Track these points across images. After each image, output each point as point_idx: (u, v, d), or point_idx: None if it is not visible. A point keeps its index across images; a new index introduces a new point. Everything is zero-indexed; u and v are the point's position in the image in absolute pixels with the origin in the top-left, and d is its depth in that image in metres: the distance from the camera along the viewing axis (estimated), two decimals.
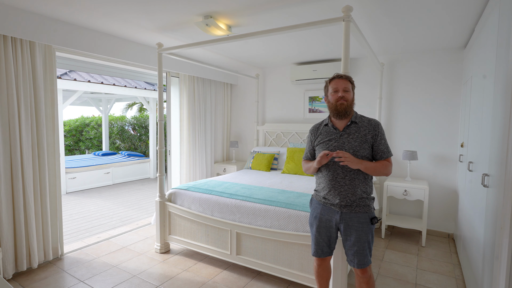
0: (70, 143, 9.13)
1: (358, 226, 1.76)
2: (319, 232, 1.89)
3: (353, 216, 1.77)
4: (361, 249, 1.76)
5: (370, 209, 1.79)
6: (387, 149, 1.81)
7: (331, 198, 1.82)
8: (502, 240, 1.46)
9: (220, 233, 2.77)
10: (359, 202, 1.77)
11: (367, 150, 1.78)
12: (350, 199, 1.77)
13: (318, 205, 1.91)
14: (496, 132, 1.68)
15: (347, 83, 1.82)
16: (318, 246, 1.91)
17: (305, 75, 4.32)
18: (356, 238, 1.76)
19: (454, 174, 3.63)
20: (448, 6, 2.34)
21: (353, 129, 1.81)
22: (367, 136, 1.79)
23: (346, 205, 1.78)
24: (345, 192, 1.78)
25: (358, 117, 1.84)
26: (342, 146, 1.79)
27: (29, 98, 2.63)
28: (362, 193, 1.78)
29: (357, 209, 1.77)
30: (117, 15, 2.62)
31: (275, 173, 4.10)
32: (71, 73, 5.75)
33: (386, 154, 1.80)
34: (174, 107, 4.34)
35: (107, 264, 2.90)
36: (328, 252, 1.92)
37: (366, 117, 1.87)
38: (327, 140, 1.86)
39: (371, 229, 1.79)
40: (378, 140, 1.79)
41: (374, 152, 1.81)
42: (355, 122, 1.82)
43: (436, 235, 3.74)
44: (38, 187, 2.74)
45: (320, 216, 1.88)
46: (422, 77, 3.75)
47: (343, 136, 1.81)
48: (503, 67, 1.58)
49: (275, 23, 2.76)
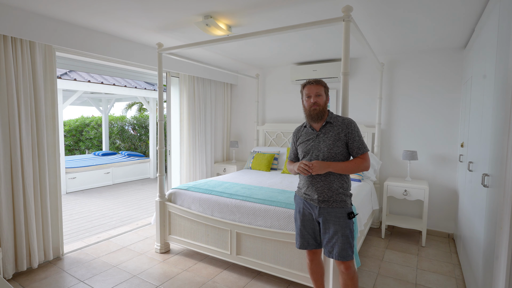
0: (70, 143, 9.13)
1: (335, 221, 1.86)
2: (304, 225, 2.01)
3: (330, 211, 1.88)
4: (340, 242, 1.84)
5: (347, 204, 1.88)
6: (362, 145, 1.89)
7: (310, 193, 1.94)
8: (502, 240, 1.46)
9: (220, 233, 2.77)
10: (336, 198, 1.87)
11: (340, 147, 1.88)
12: (326, 194, 1.87)
13: (300, 200, 2.03)
14: (496, 132, 1.68)
15: (319, 87, 1.92)
16: (304, 238, 2.02)
17: (305, 75, 4.32)
18: (334, 232, 1.86)
19: (454, 174, 3.63)
20: (448, 6, 2.34)
21: (328, 128, 1.93)
22: (340, 134, 1.89)
23: (324, 200, 1.88)
24: (321, 188, 1.88)
25: (333, 117, 1.95)
26: (318, 144, 1.91)
27: (29, 98, 2.63)
28: (338, 188, 1.88)
29: (334, 204, 1.87)
30: (117, 14, 2.62)
31: (275, 173, 4.10)
32: (71, 73, 5.75)
33: (361, 150, 1.88)
34: (174, 107, 4.34)
35: (107, 264, 2.90)
36: (314, 245, 2.01)
37: (341, 116, 1.98)
38: (306, 140, 1.99)
39: (348, 224, 1.87)
40: (352, 138, 1.88)
41: (350, 149, 1.90)
42: (330, 122, 1.93)
43: (436, 235, 3.74)
44: (38, 187, 2.74)
45: (303, 211, 2.00)
46: (422, 77, 3.75)
47: (319, 135, 1.94)
48: (503, 67, 1.58)
49: (275, 23, 2.76)
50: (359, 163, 1.87)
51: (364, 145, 1.90)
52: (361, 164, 1.87)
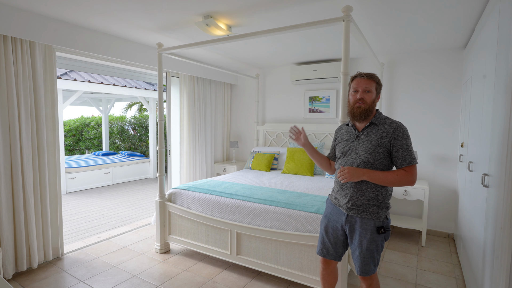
0: (70, 143, 9.13)
1: (361, 232, 1.68)
2: (326, 231, 1.86)
3: (358, 220, 1.69)
4: (363, 256, 1.68)
5: (379, 218, 1.66)
6: (409, 155, 1.61)
7: (340, 198, 1.78)
8: (502, 240, 1.46)
9: (220, 233, 2.77)
10: (366, 208, 1.67)
11: (381, 154, 1.64)
12: (356, 202, 1.68)
13: (330, 205, 1.89)
14: (496, 132, 1.68)
15: (370, 83, 1.69)
16: (324, 245, 1.88)
17: (305, 75, 4.32)
18: (358, 243, 1.69)
19: (454, 174, 3.63)
20: (448, 6, 2.34)
21: (372, 130, 1.70)
22: (384, 139, 1.64)
23: (353, 207, 1.70)
24: (351, 194, 1.70)
25: (380, 118, 1.71)
26: (356, 147, 1.72)
27: (29, 98, 2.63)
28: (371, 199, 1.67)
29: (363, 214, 1.67)
30: (117, 14, 2.62)
31: (275, 173, 4.10)
32: (71, 73, 5.75)
33: (406, 161, 1.60)
34: (174, 107, 4.34)
35: (107, 264, 2.90)
36: (333, 255, 1.86)
37: (390, 119, 1.72)
38: (344, 140, 1.81)
39: (375, 238, 1.66)
40: (397, 145, 1.62)
41: (393, 158, 1.65)
42: (374, 123, 1.70)
43: (436, 235, 3.74)
44: (38, 187, 2.74)
45: (330, 216, 1.85)
46: (422, 77, 3.75)
47: (359, 137, 1.73)
48: (503, 67, 1.58)
49: (275, 23, 2.76)
50: (402, 176, 1.60)
51: (412, 156, 1.61)
52: (405, 178, 1.60)
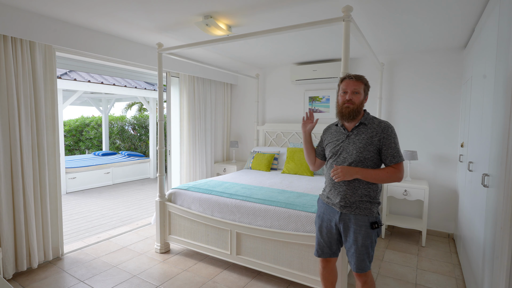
0: (70, 143, 9.13)
1: (356, 229, 1.72)
2: (321, 231, 1.89)
3: (351, 217, 1.74)
4: (358, 253, 1.72)
5: (372, 213, 1.73)
6: (397, 153, 1.70)
7: (332, 197, 1.81)
8: (502, 240, 1.46)
9: (220, 233, 2.77)
10: (359, 204, 1.73)
11: (372, 152, 1.71)
12: (349, 199, 1.73)
13: (322, 204, 1.91)
14: (496, 132, 1.68)
15: (359, 84, 1.75)
16: (319, 245, 1.92)
17: (305, 75, 4.32)
18: (353, 240, 1.73)
19: (454, 174, 3.63)
20: (448, 6, 2.34)
21: (361, 130, 1.76)
22: (373, 138, 1.72)
23: (346, 205, 1.74)
24: (344, 192, 1.75)
25: (368, 118, 1.78)
26: (347, 146, 1.76)
27: (29, 98, 2.63)
28: (363, 196, 1.73)
29: (356, 211, 1.73)
30: (117, 14, 2.62)
31: (275, 173, 4.10)
32: (71, 73, 5.75)
33: (395, 159, 1.70)
34: (174, 107, 4.34)
35: (107, 264, 2.90)
36: (329, 253, 1.90)
37: (377, 119, 1.79)
38: (334, 140, 1.85)
39: (370, 234, 1.72)
40: (386, 144, 1.70)
41: (383, 157, 1.73)
42: (364, 123, 1.77)
43: (436, 235, 3.74)
44: (38, 187, 2.74)
45: (323, 216, 1.88)
46: (422, 77, 3.75)
47: (350, 136, 1.78)
48: (503, 67, 1.58)
49: (275, 23, 2.76)
50: (391, 173, 1.69)
51: (400, 154, 1.71)
52: (394, 175, 1.69)
